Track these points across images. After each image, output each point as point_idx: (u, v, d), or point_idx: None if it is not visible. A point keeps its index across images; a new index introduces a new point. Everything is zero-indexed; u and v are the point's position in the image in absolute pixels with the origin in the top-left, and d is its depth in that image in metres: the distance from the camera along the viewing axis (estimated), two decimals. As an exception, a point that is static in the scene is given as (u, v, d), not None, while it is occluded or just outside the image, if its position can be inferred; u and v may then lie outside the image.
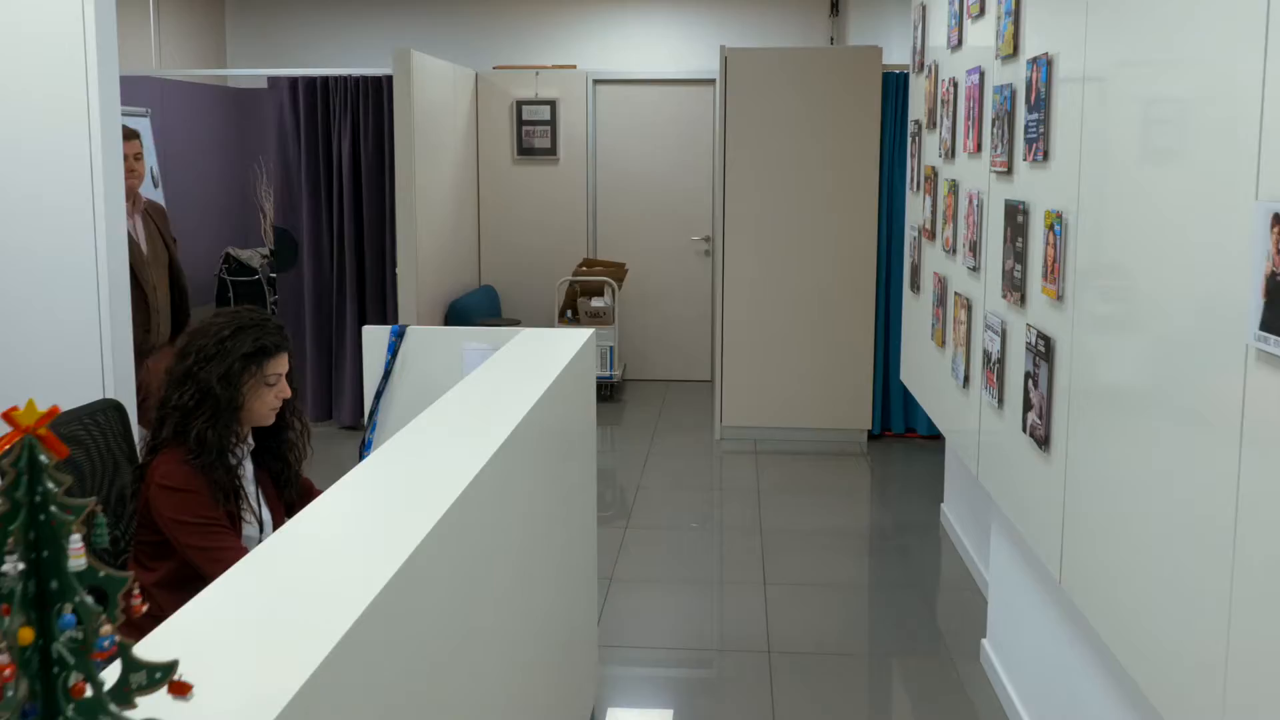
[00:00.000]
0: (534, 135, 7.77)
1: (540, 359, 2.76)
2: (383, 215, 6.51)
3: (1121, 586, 2.19)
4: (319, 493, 2.77)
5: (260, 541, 2.45)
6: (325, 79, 6.47)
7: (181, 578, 2.33)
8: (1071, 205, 2.49)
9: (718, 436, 6.51)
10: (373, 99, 6.41)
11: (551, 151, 7.79)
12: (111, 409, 2.58)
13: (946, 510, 4.99)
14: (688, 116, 7.93)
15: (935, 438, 6.37)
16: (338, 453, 5.78)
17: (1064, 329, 2.53)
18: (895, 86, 6.19)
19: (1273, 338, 1.55)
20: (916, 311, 4.52)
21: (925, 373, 4.31)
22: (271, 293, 7.90)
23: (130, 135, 4.11)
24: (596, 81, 7.90)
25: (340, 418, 6.64)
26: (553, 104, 7.75)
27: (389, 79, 6.23)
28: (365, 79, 6.42)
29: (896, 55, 6.73)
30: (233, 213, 9.18)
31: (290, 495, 2.63)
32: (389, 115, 6.28)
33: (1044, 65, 2.67)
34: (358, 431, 6.52)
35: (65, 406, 2.60)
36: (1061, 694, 2.92)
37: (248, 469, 2.50)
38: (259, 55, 9.10)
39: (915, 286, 4.54)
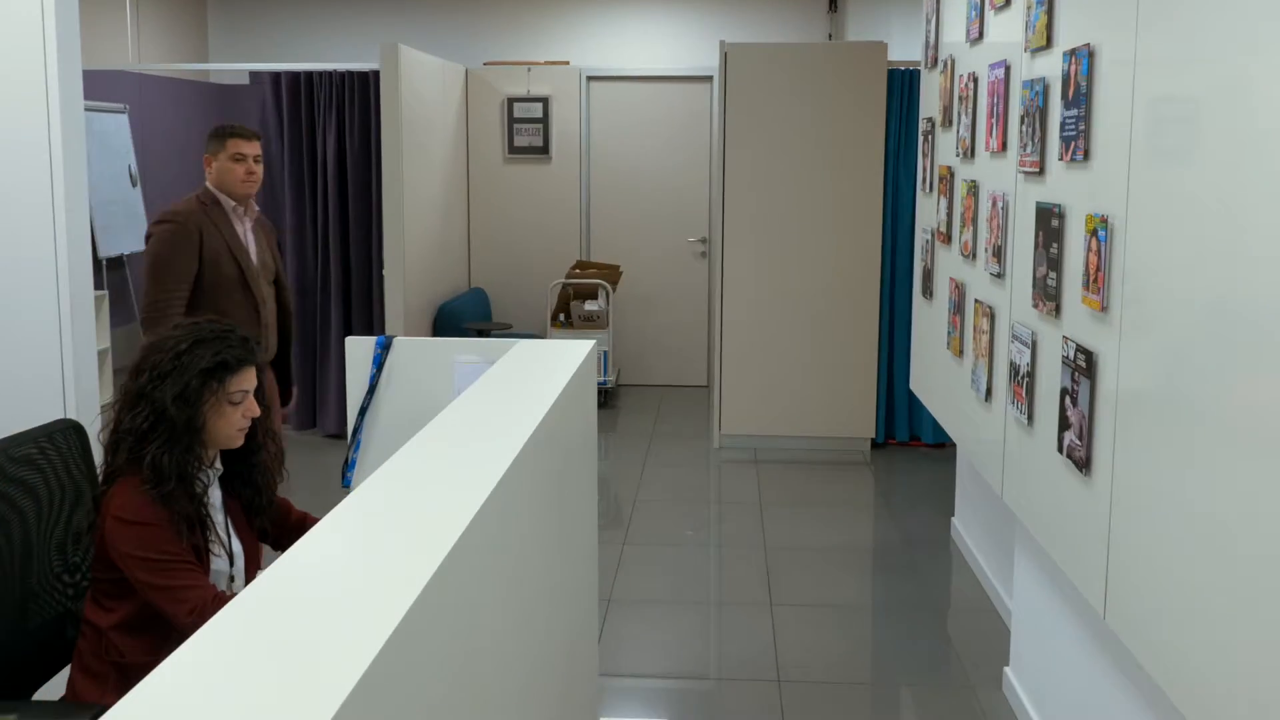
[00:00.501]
0: (526, 133, 7.56)
1: (539, 376, 2.55)
2: (369, 215, 6.28)
3: (1176, 624, 1.99)
4: (298, 514, 2.57)
5: (231, 575, 2.23)
6: (310, 74, 6.24)
7: (143, 619, 2.11)
8: (1118, 209, 2.29)
9: (716, 445, 6.30)
10: (359, 95, 6.18)
11: (544, 150, 7.58)
12: (70, 430, 2.36)
13: (958, 524, 4.80)
14: (684, 115, 7.72)
15: (941, 446, 6.18)
16: (323, 463, 5.56)
17: (1109, 343, 2.33)
18: (899, 83, 5.99)
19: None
20: (929, 318, 4.32)
21: (940, 383, 4.10)
22: (254, 295, 7.66)
23: (250, 135, 3.82)
24: (590, 78, 7.69)
25: (325, 426, 6.41)
26: (545, 101, 7.53)
27: (376, 74, 6.00)
28: (351, 75, 6.19)
29: (896, 52, 6.53)
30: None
31: (263, 522, 2.41)
32: (376, 112, 6.05)
33: (1084, 57, 2.47)
34: (342, 440, 6.29)
35: (21, 425, 2.38)
36: (1098, 733, 2.72)
37: (215, 496, 2.28)
38: (242, 50, 8.86)
39: (928, 292, 4.34)
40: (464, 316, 6.83)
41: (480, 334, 6.72)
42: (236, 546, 2.29)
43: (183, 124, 8.56)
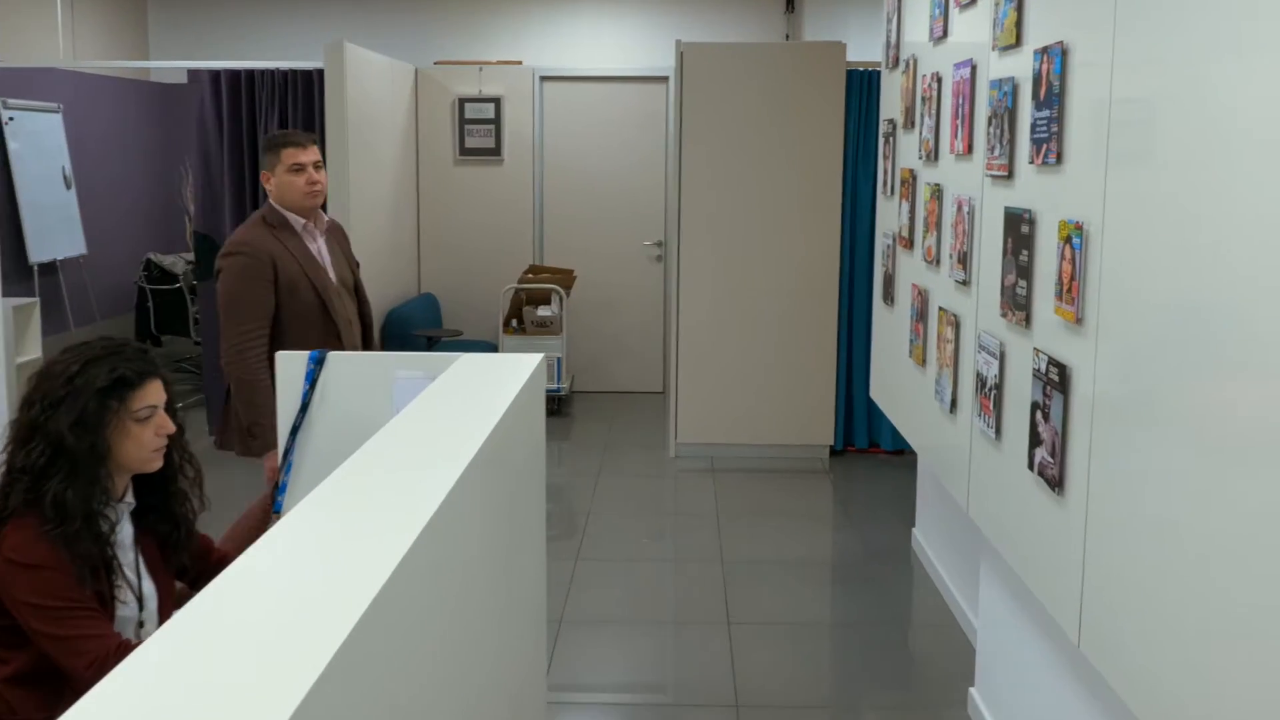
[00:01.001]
0: (477, 134, 7.37)
1: (484, 392, 2.39)
2: (313, 219, 6.05)
3: (1153, 650, 1.87)
4: (219, 553, 2.38)
5: (141, 620, 2.04)
6: (251, 72, 6.02)
7: (40, 672, 1.92)
8: (1094, 215, 2.17)
9: (672, 454, 6.15)
10: (303, 94, 5.97)
11: (496, 152, 7.39)
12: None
13: (918, 535, 4.69)
14: (640, 116, 7.57)
15: (901, 453, 6.08)
16: (257, 484, 5.33)
17: (1084, 356, 2.21)
18: (858, 84, 5.88)
19: None
20: (890, 325, 4.20)
21: (902, 392, 3.99)
22: (194, 303, 7.41)
23: (304, 140, 3.42)
24: (544, 78, 7.52)
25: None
26: (497, 101, 7.35)
27: (320, 73, 5.79)
28: (295, 73, 5.98)
29: (855, 52, 6.42)
30: (154, 216, 8.66)
31: (182, 558, 2.22)
32: (320, 112, 5.84)
33: (1057, 55, 2.35)
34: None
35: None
36: (1071, 762, 2.61)
37: (125, 533, 2.09)
38: (185, 47, 8.58)
39: (889, 298, 4.22)
40: (413, 323, 6.63)
41: (430, 341, 6.53)
42: (148, 588, 2.10)
43: (120, 124, 8.28)
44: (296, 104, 5.96)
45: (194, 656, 1.04)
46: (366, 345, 3.69)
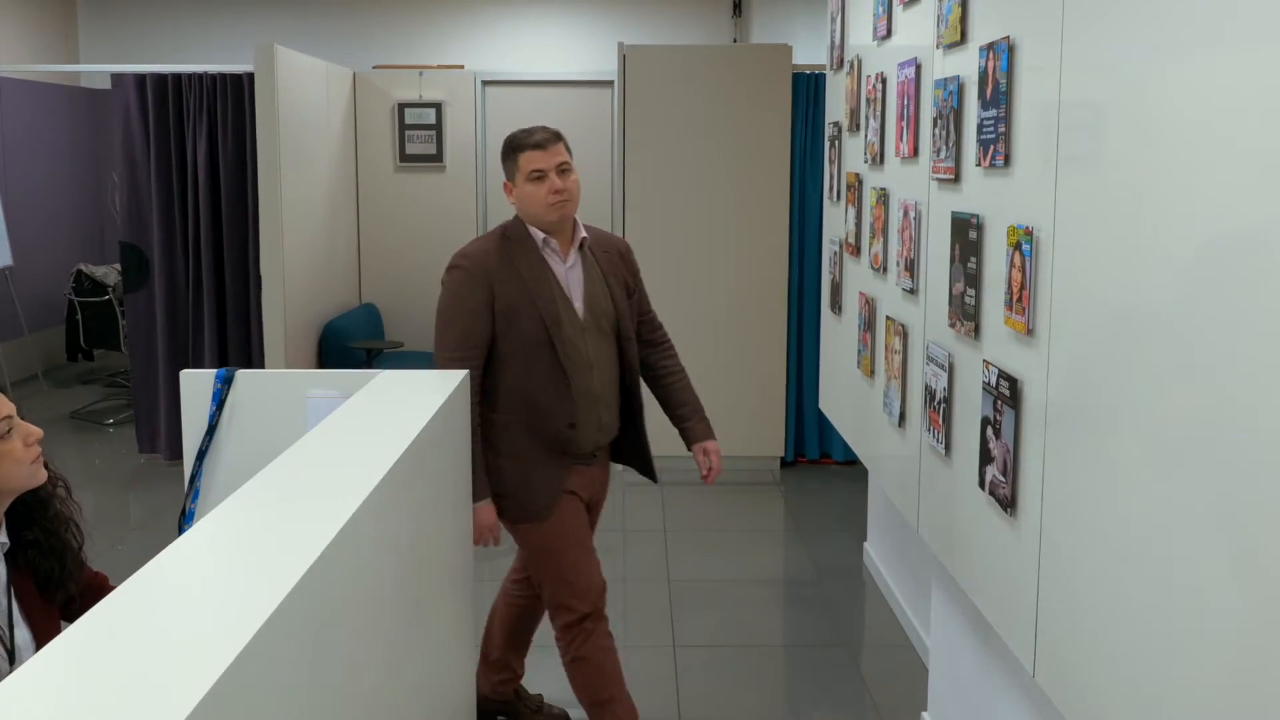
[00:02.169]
0: (418, 140, 7.18)
1: (400, 410, 2.22)
2: (245, 228, 5.84)
3: (1115, 685, 1.75)
4: (111, 589, 2.19)
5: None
6: (178, 76, 5.78)
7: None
8: (1044, 220, 2.05)
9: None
10: (233, 99, 5.74)
11: (437, 158, 7.20)
12: None
13: (870, 550, 4.57)
14: (584, 120, 7.41)
15: (852, 463, 5.97)
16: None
17: (1036, 369, 2.09)
18: (805, 87, 5.77)
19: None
20: (838, 335, 4.07)
21: (850, 404, 3.86)
22: (124, 315, 7.15)
23: (543, 140, 2.80)
24: (486, 83, 7.34)
25: (200, 454, 5.93)
26: (438, 107, 7.16)
27: (250, 77, 5.58)
28: (224, 77, 5.76)
29: (801, 55, 6.32)
30: (84, 225, 8.38)
31: (67, 591, 2.02)
32: (251, 117, 5.63)
33: (1004, 51, 2.23)
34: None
35: None
36: (1027, 794, 2.48)
37: (0, 577, 1.90)
38: (116, 51, 8.31)
39: (836, 307, 4.10)
40: (352, 335, 6.42)
41: (369, 353, 6.32)
42: (23, 637, 1.90)
43: (50, 130, 7.99)
44: (227, 109, 5.74)
45: (52, 700, 0.95)
46: (625, 398, 2.95)
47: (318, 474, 1.75)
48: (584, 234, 2.90)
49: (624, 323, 2.90)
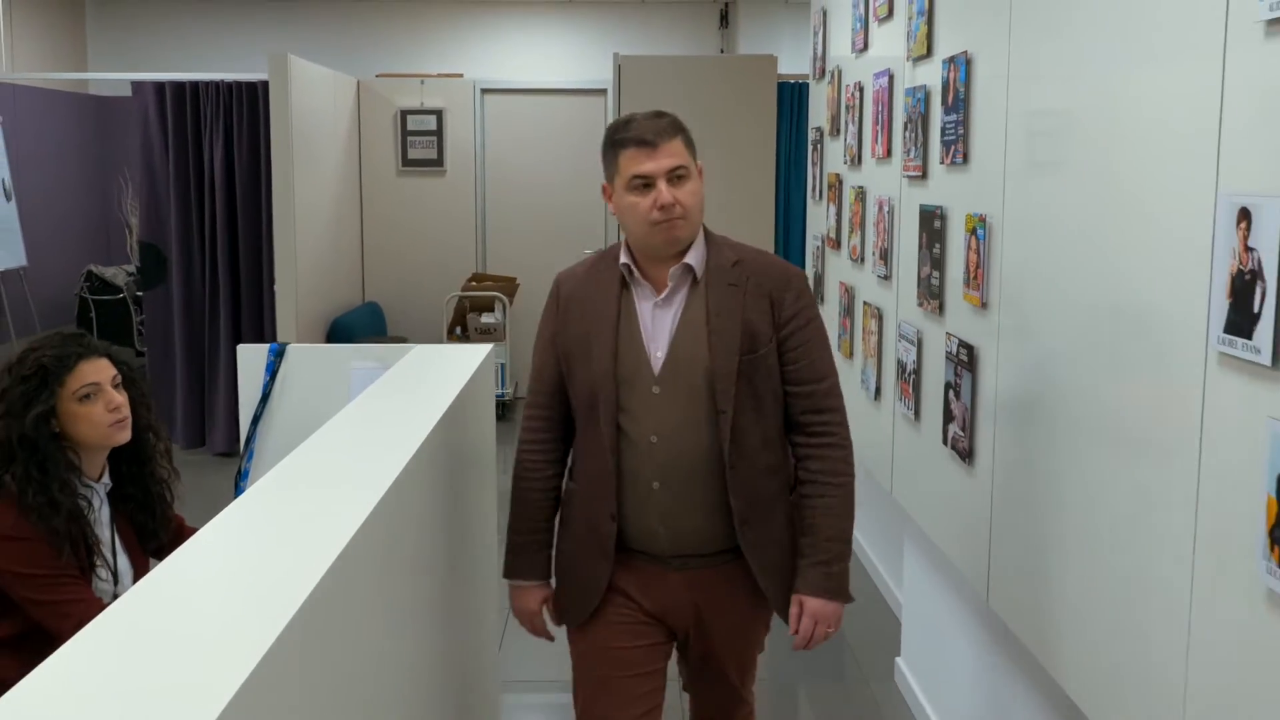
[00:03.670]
0: (420, 146, 7.50)
1: (435, 379, 2.54)
2: (258, 229, 6.16)
3: (1056, 608, 2.09)
4: (190, 531, 2.51)
5: (115, 594, 2.17)
6: (195, 84, 6.10)
7: (26, 637, 2.04)
8: (995, 209, 2.39)
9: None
10: (247, 106, 6.07)
11: (438, 163, 7.53)
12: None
13: (851, 525, 4.90)
14: (579, 127, 7.75)
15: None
16: (211, 483, 5.41)
17: (989, 337, 2.43)
18: (789, 95, 6.12)
19: (1240, 341, 1.44)
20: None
21: (831, 385, 4.19)
22: (138, 312, 7.44)
23: (654, 137, 2.08)
24: (484, 91, 7.67)
25: (213, 445, 6.25)
26: (439, 114, 7.49)
27: (264, 85, 5.90)
28: (239, 85, 6.08)
29: (786, 66, 6.69)
30: (93, 228, 8.66)
31: (159, 539, 2.34)
32: (265, 123, 5.94)
33: (962, 64, 2.58)
34: (232, 459, 6.13)
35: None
36: (984, 710, 2.82)
37: (104, 513, 2.21)
38: (123, 59, 8.61)
39: (819, 297, 4.44)
40: (358, 330, 6.73)
41: (375, 347, 6.63)
42: (123, 565, 2.22)
43: (60, 136, 8.27)
44: (241, 116, 6.06)
45: (158, 617, 1.12)
46: (726, 494, 2.07)
47: (374, 432, 2.03)
48: (693, 258, 2.08)
49: (720, 383, 2.02)
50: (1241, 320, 1.44)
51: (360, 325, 6.83)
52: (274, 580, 1.23)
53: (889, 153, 3.29)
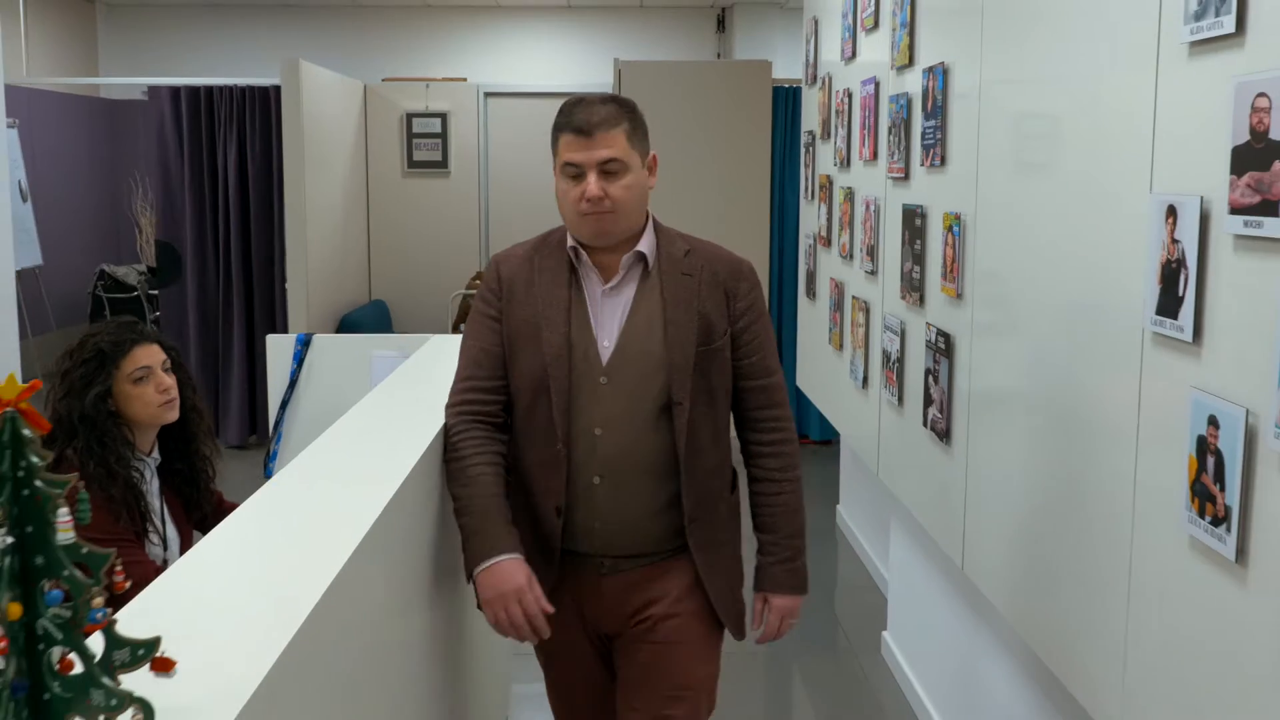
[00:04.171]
0: (425, 148, 7.70)
1: (450, 368, 2.74)
2: (271, 228, 6.37)
3: (1020, 568, 2.30)
4: (229, 505, 2.72)
5: (165, 559, 2.38)
6: (210, 88, 6.31)
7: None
8: (969, 208, 2.60)
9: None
10: (260, 109, 6.28)
11: (443, 164, 7.74)
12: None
13: (842, 512, 5.12)
14: (579, 130, 7.94)
15: (828, 443, 6.52)
16: (228, 472, 5.60)
17: (963, 325, 2.64)
18: (783, 99, 6.34)
19: (1168, 321, 1.65)
20: (813, 318, 4.63)
21: (823, 377, 4.42)
22: (152, 309, 7.65)
23: (589, 125, 1.98)
24: (487, 94, 7.88)
25: (227, 437, 6.45)
26: (443, 117, 7.70)
27: (276, 89, 6.11)
28: (252, 89, 6.29)
29: (780, 70, 6.90)
30: (103, 228, 8.86)
31: (202, 511, 2.55)
32: (277, 126, 6.15)
33: (940, 74, 2.79)
34: (247, 450, 6.36)
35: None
36: (963, 676, 3.03)
37: (153, 486, 2.42)
38: (134, 64, 8.82)
39: (811, 293, 4.66)
40: (365, 328, 6.94)
41: (383, 344, 6.84)
42: (171, 533, 2.43)
43: (73, 139, 8.48)
44: (254, 119, 6.27)
45: (215, 574, 1.31)
46: (678, 493, 2.02)
47: (397, 415, 2.22)
48: (644, 246, 2.04)
49: (676, 375, 1.98)
50: (1169, 303, 1.65)
51: (367, 323, 7.04)
52: (306, 555, 1.37)
53: (875, 155, 3.51)
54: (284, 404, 3.08)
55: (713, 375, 2.01)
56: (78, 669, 0.77)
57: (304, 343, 3.09)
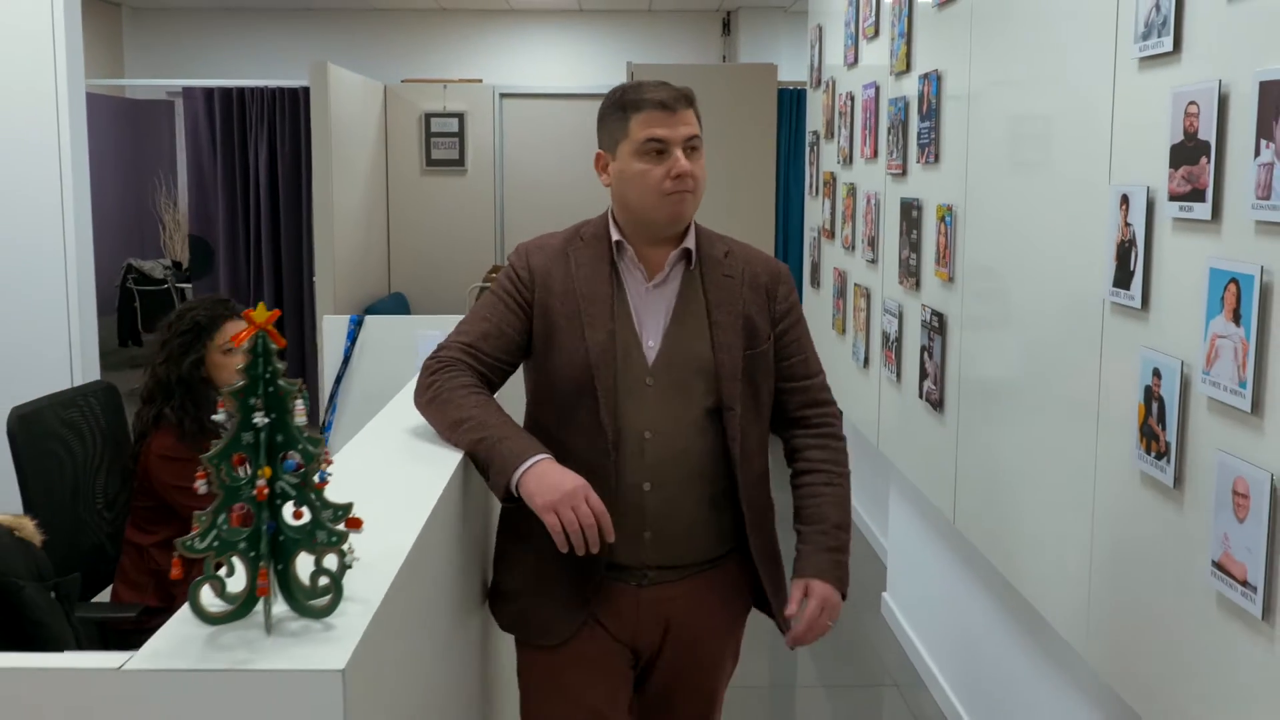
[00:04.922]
0: (442, 147, 8.01)
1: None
2: (299, 224, 6.69)
3: (1001, 517, 2.61)
4: None
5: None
6: (241, 90, 6.63)
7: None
8: (959, 200, 2.91)
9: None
10: (289, 110, 6.59)
11: (460, 163, 8.04)
12: (105, 390, 2.79)
13: (845, 490, 5.42)
14: (593, 130, 8.17)
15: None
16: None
17: (955, 306, 2.95)
18: (788, 101, 6.65)
19: (1123, 291, 1.96)
20: (817, 306, 4.94)
21: (826, 361, 4.69)
22: (179, 301, 7.97)
23: (673, 101, 2.00)
24: (503, 95, 8.19)
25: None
26: (460, 117, 8.01)
27: (305, 90, 6.42)
28: (282, 90, 6.60)
29: (785, 73, 7.21)
30: (129, 225, 9.18)
31: None
32: (305, 126, 6.46)
33: (934, 80, 3.09)
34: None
35: (37, 386, 2.80)
36: (958, 628, 3.34)
37: None
38: (158, 65, 9.13)
39: (815, 283, 4.96)
40: (388, 318, 7.25)
41: (404, 334, 7.15)
42: None
43: (99, 138, 8.78)
44: (284, 119, 6.59)
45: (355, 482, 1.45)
46: (723, 499, 1.93)
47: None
48: (690, 244, 1.97)
49: (726, 383, 1.89)
50: (1123, 276, 1.96)
51: (387, 314, 7.35)
52: (402, 497, 1.52)
53: (875, 154, 3.81)
54: (339, 378, 3.39)
55: (759, 379, 1.93)
56: (305, 518, 1.07)
57: (357, 323, 3.39)
